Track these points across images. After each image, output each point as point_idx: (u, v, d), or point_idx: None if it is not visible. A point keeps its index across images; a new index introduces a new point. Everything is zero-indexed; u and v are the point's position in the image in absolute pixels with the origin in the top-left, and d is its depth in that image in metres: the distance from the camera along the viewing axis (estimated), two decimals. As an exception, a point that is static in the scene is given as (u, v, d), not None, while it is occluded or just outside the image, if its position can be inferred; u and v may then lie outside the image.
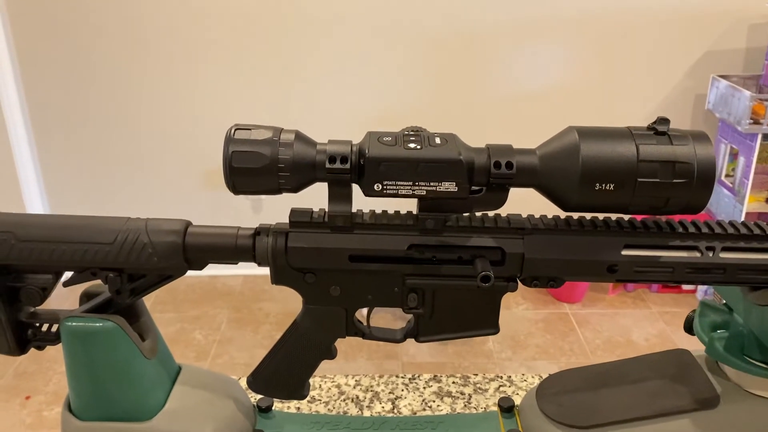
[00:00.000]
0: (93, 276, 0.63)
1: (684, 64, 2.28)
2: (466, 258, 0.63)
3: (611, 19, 2.19)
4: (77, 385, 0.65)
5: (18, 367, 2.06)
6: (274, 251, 0.62)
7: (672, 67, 2.27)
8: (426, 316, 0.66)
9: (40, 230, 0.61)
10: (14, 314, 0.65)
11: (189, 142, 2.35)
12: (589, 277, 0.63)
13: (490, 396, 0.85)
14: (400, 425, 0.72)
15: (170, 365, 0.70)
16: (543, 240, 0.62)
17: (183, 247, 0.62)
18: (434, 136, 0.60)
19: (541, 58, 2.25)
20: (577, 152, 0.57)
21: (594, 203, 0.58)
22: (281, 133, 0.59)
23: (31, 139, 2.34)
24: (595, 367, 0.74)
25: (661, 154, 0.57)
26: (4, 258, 0.61)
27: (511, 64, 2.25)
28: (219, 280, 2.52)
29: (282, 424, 0.73)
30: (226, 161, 0.58)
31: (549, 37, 2.22)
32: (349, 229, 0.62)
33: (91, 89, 2.28)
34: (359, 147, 0.59)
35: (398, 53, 2.23)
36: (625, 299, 2.38)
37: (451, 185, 0.58)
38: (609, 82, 2.27)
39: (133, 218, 0.63)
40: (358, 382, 0.87)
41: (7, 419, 1.84)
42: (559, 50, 2.24)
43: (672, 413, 0.65)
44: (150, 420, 0.65)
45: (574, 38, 2.22)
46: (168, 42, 2.21)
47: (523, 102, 2.28)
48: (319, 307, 0.66)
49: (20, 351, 0.66)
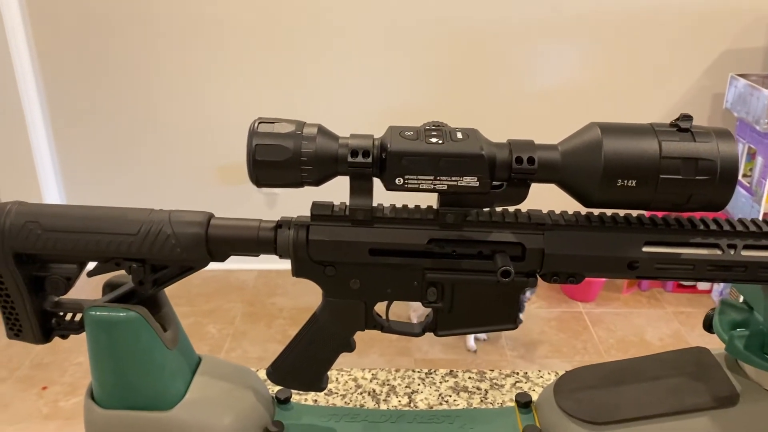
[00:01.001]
0: (117, 266, 0.64)
1: (702, 62, 2.26)
2: (486, 253, 0.63)
3: (629, 17, 2.17)
4: (100, 374, 0.66)
5: (35, 358, 2.08)
6: (295, 244, 0.63)
7: (689, 65, 2.25)
8: (445, 310, 0.66)
9: (66, 221, 0.62)
10: (39, 303, 0.66)
11: (206, 137, 2.36)
12: (609, 273, 0.63)
13: (506, 392, 0.85)
14: (418, 418, 0.73)
15: (191, 356, 0.71)
16: (563, 236, 0.62)
17: (206, 239, 0.62)
18: (456, 131, 0.60)
19: (558, 55, 2.24)
20: (599, 148, 0.57)
21: (616, 199, 0.58)
22: (304, 127, 0.60)
23: (49, 131, 2.36)
24: (613, 364, 0.74)
25: (683, 151, 0.57)
26: (30, 247, 0.62)
27: (527, 61, 2.25)
28: (233, 274, 2.53)
29: (300, 415, 0.73)
30: (249, 154, 0.58)
31: (566, 35, 2.21)
32: (370, 222, 0.63)
33: (108, 82, 2.30)
34: (381, 141, 0.59)
35: (415, 50, 2.23)
36: (639, 299, 2.37)
37: (472, 180, 0.58)
38: (626, 80, 2.26)
39: (157, 210, 0.63)
40: (375, 376, 0.88)
41: (24, 409, 1.86)
42: (576, 48, 2.23)
43: (691, 411, 0.65)
44: (171, 409, 0.66)
45: (590, 36, 2.21)
46: (186, 37, 2.22)
47: (539, 99, 2.27)
48: (338, 300, 0.66)
49: (45, 339, 0.67)
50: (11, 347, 2.12)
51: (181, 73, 2.28)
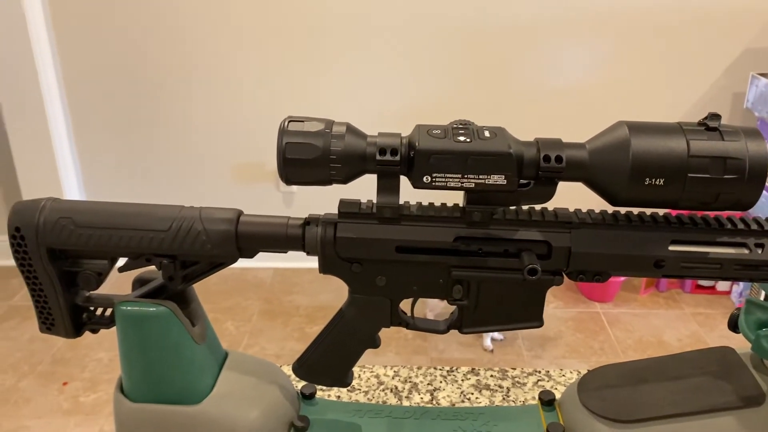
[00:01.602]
0: (147, 262, 0.65)
1: (722, 61, 2.25)
2: (513, 251, 0.63)
3: (650, 16, 2.17)
4: (129, 368, 0.67)
5: (55, 354, 2.11)
6: (323, 241, 0.64)
7: (710, 64, 2.24)
8: (470, 308, 0.66)
9: (99, 217, 0.63)
10: (71, 298, 0.67)
11: (225, 136, 2.38)
12: (635, 272, 0.63)
13: (528, 390, 0.85)
14: (441, 415, 0.73)
15: (218, 351, 0.72)
16: (590, 234, 0.62)
17: (235, 236, 0.63)
18: (483, 130, 0.60)
19: (580, 54, 2.24)
20: (627, 147, 0.57)
21: (643, 198, 0.58)
22: (333, 126, 0.60)
23: (70, 130, 2.39)
24: (637, 363, 0.74)
25: (712, 150, 0.57)
26: (63, 243, 0.63)
27: (550, 60, 2.25)
28: (250, 272, 2.55)
29: (325, 411, 0.74)
30: (280, 152, 0.59)
31: (589, 34, 2.21)
32: (397, 220, 0.63)
33: (128, 81, 2.32)
34: (409, 139, 0.60)
35: (439, 49, 2.23)
36: (657, 299, 2.36)
37: (500, 178, 0.58)
38: (646, 79, 2.25)
39: (187, 207, 0.64)
40: (397, 373, 0.88)
41: (45, 404, 1.89)
42: (598, 47, 2.23)
43: (716, 410, 0.65)
44: (199, 403, 0.67)
45: (612, 35, 2.21)
46: (208, 37, 2.24)
47: (562, 98, 2.27)
48: (364, 296, 0.67)
49: (76, 334, 0.68)
50: (33, 343, 2.15)
51: (200, 72, 2.31)
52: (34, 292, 0.66)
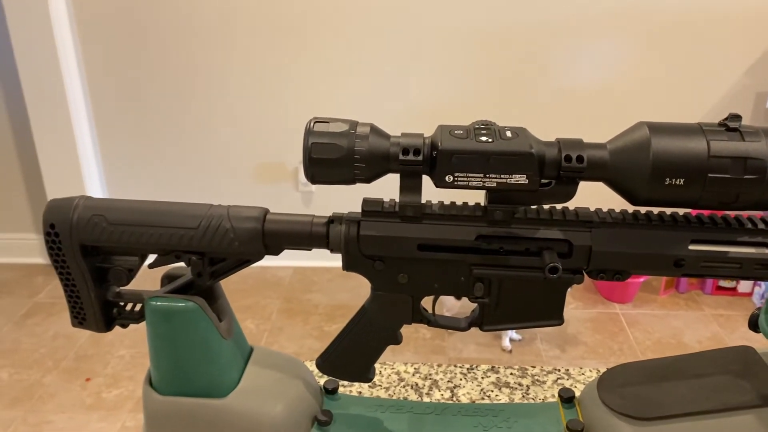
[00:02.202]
0: (177, 259, 0.67)
1: (744, 61, 2.23)
2: (534, 250, 0.64)
3: (671, 17, 2.16)
4: (158, 362, 0.68)
5: (78, 351, 2.14)
6: (346, 239, 0.65)
7: (732, 64, 2.23)
8: (491, 306, 0.67)
9: (130, 214, 0.65)
10: (102, 293, 0.69)
11: (246, 136, 2.40)
12: (655, 271, 0.63)
13: (548, 388, 0.86)
14: (462, 411, 0.74)
15: (244, 346, 0.73)
16: (610, 233, 0.63)
17: (262, 233, 0.65)
18: (505, 130, 0.61)
19: (602, 55, 2.23)
20: (647, 147, 0.58)
21: (663, 198, 0.59)
22: (357, 126, 0.62)
23: (93, 130, 2.43)
24: (657, 361, 0.74)
25: (732, 150, 0.57)
26: (96, 240, 0.65)
27: (569, 61, 2.25)
28: (269, 271, 2.58)
29: (348, 406, 0.75)
30: (305, 152, 0.61)
31: (607, 34, 2.20)
32: (419, 219, 0.64)
33: (150, 81, 2.35)
34: (431, 140, 0.61)
35: (461, 50, 2.24)
36: (677, 300, 2.35)
37: (521, 177, 0.59)
38: (668, 79, 2.24)
39: (216, 205, 0.66)
40: (417, 370, 0.89)
41: (68, 400, 1.92)
42: (619, 47, 2.22)
43: (736, 408, 0.65)
44: (225, 397, 0.68)
45: (633, 35, 2.20)
46: (231, 36, 2.27)
47: (582, 99, 2.27)
48: (386, 293, 0.68)
49: (106, 328, 0.70)
50: (57, 339, 2.19)
51: (222, 73, 2.33)
52: (67, 288, 0.68)
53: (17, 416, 1.84)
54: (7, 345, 2.17)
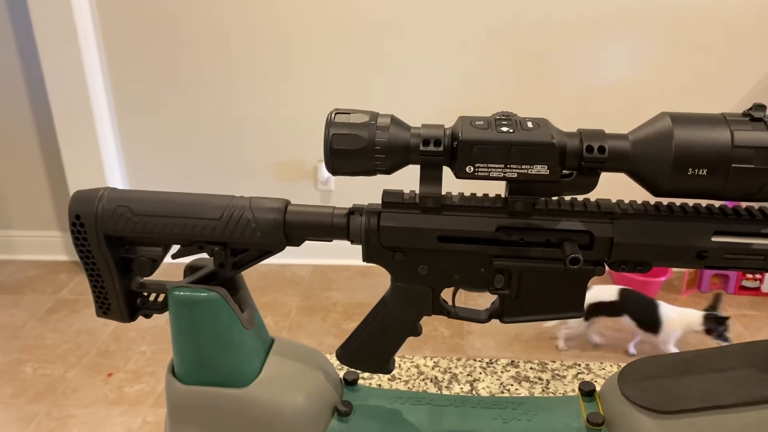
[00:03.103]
0: (200, 249, 0.67)
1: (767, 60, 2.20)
2: (554, 241, 0.64)
3: (696, 12, 2.14)
4: (181, 351, 0.69)
5: (101, 346, 2.17)
6: (367, 230, 0.65)
7: (757, 59, 2.20)
8: (512, 298, 0.67)
9: (154, 206, 0.66)
10: (126, 283, 0.70)
11: (265, 134, 2.42)
12: (677, 262, 0.63)
13: (568, 382, 0.85)
14: (481, 404, 0.74)
15: (265, 336, 0.74)
16: (632, 225, 0.63)
17: (284, 224, 0.65)
18: (526, 120, 0.61)
19: (626, 49, 2.22)
20: (670, 137, 0.57)
21: (686, 189, 0.59)
22: (378, 117, 0.62)
23: (115, 125, 2.46)
24: (678, 355, 0.74)
25: (756, 140, 0.57)
26: (120, 230, 0.66)
27: (595, 56, 2.23)
28: (288, 269, 2.59)
29: (367, 397, 0.76)
30: (326, 143, 0.61)
31: (634, 30, 2.19)
32: (439, 210, 0.65)
33: (172, 77, 2.38)
34: (452, 130, 0.61)
35: (483, 45, 2.24)
36: (699, 300, 2.32)
37: (543, 168, 0.59)
38: (692, 74, 2.22)
39: (238, 196, 0.67)
40: (437, 364, 0.89)
41: (91, 395, 1.95)
42: (644, 42, 2.21)
43: (759, 402, 0.64)
44: (246, 387, 0.69)
45: (658, 30, 2.18)
46: (252, 33, 2.28)
47: (607, 93, 2.26)
48: (406, 285, 0.68)
49: (130, 318, 0.71)
50: (80, 335, 2.22)
51: (243, 70, 2.35)
52: (92, 278, 0.69)
53: (41, 410, 1.87)
54: (30, 340, 2.21)
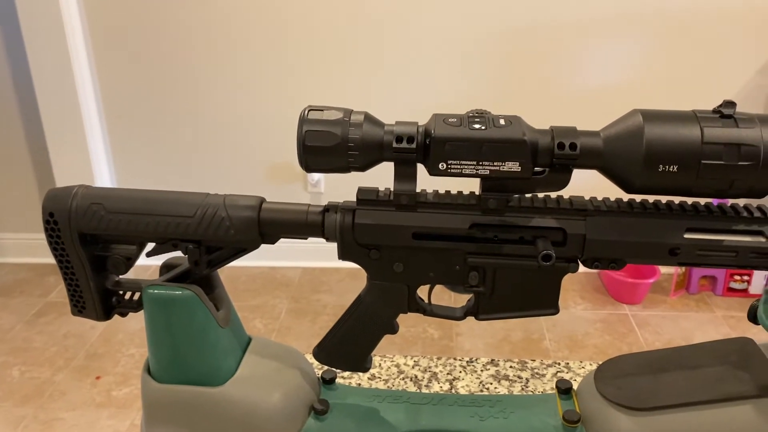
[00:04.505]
0: (174, 247, 0.67)
1: (757, 60, 2.21)
2: (528, 238, 0.64)
3: (683, 14, 2.15)
4: (156, 350, 0.69)
5: (89, 349, 2.16)
6: (342, 227, 0.65)
7: (744, 63, 2.21)
8: (486, 295, 0.67)
9: (128, 203, 0.66)
10: (101, 282, 0.70)
11: (255, 135, 2.41)
12: (650, 259, 0.63)
13: (548, 381, 0.86)
14: (459, 402, 0.74)
15: (242, 335, 0.74)
16: (605, 222, 0.63)
17: (258, 222, 0.65)
18: (498, 118, 0.61)
19: (610, 53, 2.22)
20: (641, 134, 0.58)
21: (657, 185, 0.59)
22: (351, 114, 0.62)
23: (103, 122, 2.44)
24: (655, 353, 0.74)
25: (726, 137, 0.57)
26: (94, 228, 0.66)
27: (579, 58, 2.24)
28: (278, 271, 2.58)
29: (345, 395, 0.75)
30: (300, 140, 0.61)
31: (618, 32, 2.20)
32: (413, 207, 0.65)
33: (160, 74, 2.37)
34: (425, 128, 0.62)
35: (464, 46, 2.24)
36: (687, 302, 2.33)
37: (514, 165, 0.59)
38: (679, 78, 2.23)
39: (212, 194, 0.67)
40: (417, 363, 0.89)
41: (79, 398, 1.94)
42: (629, 45, 2.21)
43: (733, 398, 0.64)
44: (222, 385, 0.69)
45: (643, 34, 2.19)
46: (240, 32, 2.28)
47: (591, 96, 2.26)
48: (382, 282, 0.68)
49: (105, 316, 0.71)
50: (68, 338, 2.21)
51: (233, 73, 2.34)
52: (66, 276, 0.69)
53: (28, 413, 1.86)
54: (18, 343, 2.19)
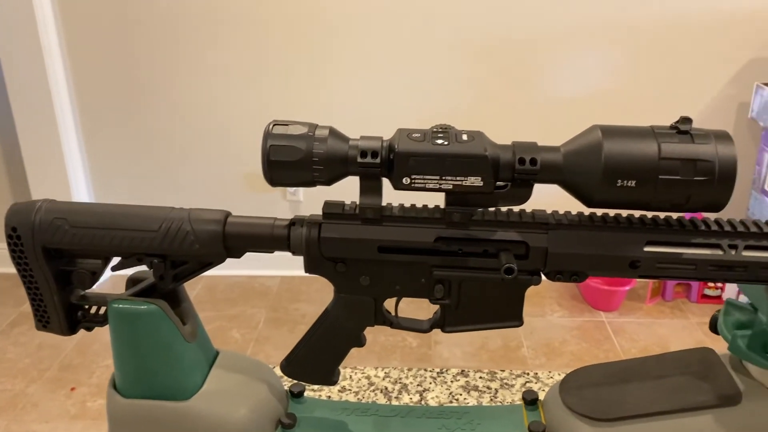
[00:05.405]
0: (139, 262, 0.67)
1: (727, 71, 2.25)
2: (492, 251, 0.65)
3: (654, 26, 2.18)
4: (122, 364, 0.69)
5: (63, 360, 2.13)
6: (308, 241, 0.66)
7: (715, 74, 2.24)
8: (452, 307, 0.68)
9: (92, 217, 0.65)
10: (66, 296, 0.69)
11: (234, 145, 2.41)
12: (611, 272, 0.64)
13: (516, 391, 0.86)
14: (426, 414, 0.75)
15: (208, 349, 0.74)
16: (566, 235, 0.64)
17: (223, 236, 0.65)
18: (461, 133, 0.62)
19: (583, 65, 2.25)
20: (599, 149, 0.59)
21: (616, 199, 0.60)
22: (316, 129, 0.62)
23: (80, 134, 2.43)
24: (620, 363, 0.75)
25: (682, 152, 0.58)
26: (58, 242, 0.66)
27: (552, 70, 2.26)
28: (257, 280, 2.57)
29: (313, 409, 0.76)
30: (264, 155, 0.61)
31: (591, 45, 2.22)
32: (379, 221, 0.65)
33: (137, 85, 2.35)
34: (389, 143, 0.62)
35: (438, 57, 2.25)
36: (663, 309, 2.35)
37: (476, 180, 0.60)
38: (650, 89, 2.25)
39: (177, 208, 0.67)
40: (388, 374, 0.90)
41: (53, 409, 1.91)
42: (601, 57, 2.24)
43: (694, 409, 0.65)
44: (188, 400, 0.69)
45: (615, 46, 2.22)
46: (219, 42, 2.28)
47: (563, 109, 2.28)
48: (349, 295, 0.69)
49: (70, 331, 0.71)
50: (42, 349, 2.19)
51: (211, 81, 2.34)
52: (30, 291, 0.68)
53: (0, 426, 1.84)
54: (-9, 355, 2.16)
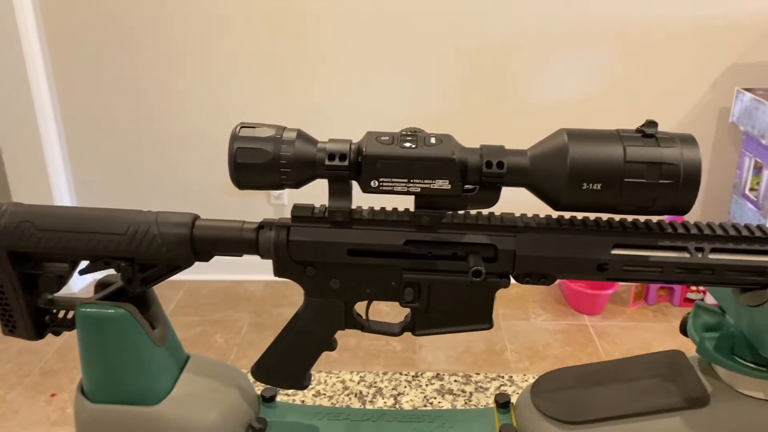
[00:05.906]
0: (106, 265, 0.67)
1: (708, 76, 2.27)
2: (461, 254, 0.65)
3: (635, 32, 2.19)
4: (89, 369, 0.68)
5: (44, 366, 2.12)
6: (276, 244, 0.65)
7: (696, 80, 2.26)
8: (422, 310, 0.68)
9: (58, 220, 0.65)
10: (33, 300, 0.69)
11: (217, 148, 2.40)
12: (579, 274, 0.64)
13: (491, 395, 0.86)
14: (398, 417, 0.74)
15: (179, 354, 0.73)
16: (534, 238, 0.64)
17: (191, 239, 0.65)
18: (430, 137, 0.62)
19: (565, 69, 2.26)
20: (565, 153, 0.59)
21: (582, 202, 0.60)
22: (284, 132, 0.62)
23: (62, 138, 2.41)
24: (591, 366, 0.75)
25: (647, 156, 0.58)
26: (24, 246, 0.65)
27: (533, 75, 2.27)
28: (241, 285, 2.56)
29: (285, 413, 0.75)
30: (231, 157, 0.61)
31: (573, 49, 2.23)
32: (348, 224, 0.65)
33: (120, 89, 2.34)
34: (358, 145, 0.62)
35: (413, 62, 2.25)
36: (645, 312, 2.36)
37: (444, 183, 0.60)
38: (631, 94, 2.27)
39: (145, 211, 0.66)
40: (363, 378, 0.89)
41: (32, 415, 1.89)
42: (582, 62, 2.25)
43: (662, 411, 0.66)
44: (157, 404, 0.68)
45: (596, 51, 2.23)
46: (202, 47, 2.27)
47: (543, 114, 2.29)
48: (319, 299, 0.69)
49: (37, 336, 0.70)
50: (22, 355, 2.16)
51: (194, 86, 2.33)
52: (-5, 295, 0.68)
53: (-22, 433, 1.82)
54: (-30, 361, 2.14)
